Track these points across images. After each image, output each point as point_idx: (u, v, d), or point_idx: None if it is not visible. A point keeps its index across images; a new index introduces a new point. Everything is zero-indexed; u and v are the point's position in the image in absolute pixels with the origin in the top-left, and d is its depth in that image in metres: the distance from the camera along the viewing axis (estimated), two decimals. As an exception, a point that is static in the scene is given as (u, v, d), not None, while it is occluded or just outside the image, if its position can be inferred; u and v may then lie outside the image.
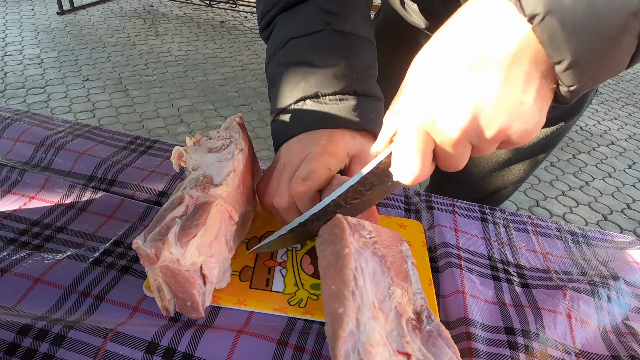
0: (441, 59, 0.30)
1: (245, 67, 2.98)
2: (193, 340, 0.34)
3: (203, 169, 0.41)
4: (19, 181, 0.49)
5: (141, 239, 0.33)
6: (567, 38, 0.25)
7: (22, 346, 0.32)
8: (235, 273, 0.41)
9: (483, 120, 0.29)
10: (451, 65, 0.29)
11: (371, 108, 0.44)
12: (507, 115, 0.28)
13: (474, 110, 0.29)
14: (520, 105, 0.28)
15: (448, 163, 0.33)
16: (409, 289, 0.35)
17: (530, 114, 0.28)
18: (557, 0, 0.25)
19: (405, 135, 0.32)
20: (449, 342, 0.32)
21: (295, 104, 0.43)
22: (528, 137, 0.30)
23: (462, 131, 0.30)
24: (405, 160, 0.32)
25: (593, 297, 0.43)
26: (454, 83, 0.29)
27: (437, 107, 0.30)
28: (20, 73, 2.64)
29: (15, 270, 0.38)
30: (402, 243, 0.38)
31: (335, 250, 0.33)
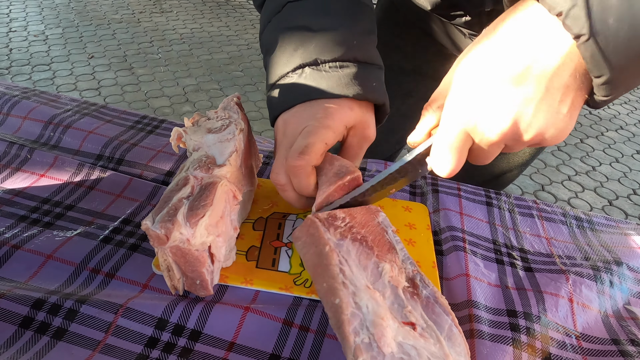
0: (487, 66, 0.32)
1: (251, 46, 2.95)
2: (201, 317, 0.35)
3: (204, 149, 0.41)
4: (29, 159, 0.50)
5: (150, 220, 0.34)
6: (608, 57, 0.27)
7: (36, 320, 0.33)
8: (242, 253, 0.42)
9: (522, 126, 0.32)
10: (497, 74, 0.31)
11: (372, 76, 0.42)
12: (544, 123, 0.31)
13: (515, 117, 0.31)
14: (557, 115, 0.31)
15: (479, 159, 0.36)
16: (397, 259, 0.36)
17: (563, 122, 0.32)
18: (603, 23, 0.27)
19: (448, 134, 0.34)
20: (446, 308, 0.33)
21: (293, 72, 0.41)
22: (558, 140, 0.33)
23: (502, 135, 0.33)
24: (445, 156, 0.35)
25: (595, 281, 0.44)
26: (499, 91, 0.31)
27: (481, 111, 0.32)
28: (25, 50, 2.62)
29: (27, 247, 0.39)
30: (377, 215, 0.39)
31: (317, 251, 0.34)
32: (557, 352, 0.37)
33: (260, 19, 0.46)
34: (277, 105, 0.42)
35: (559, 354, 0.37)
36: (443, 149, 0.35)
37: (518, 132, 0.32)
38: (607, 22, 0.27)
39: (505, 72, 0.31)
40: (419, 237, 0.46)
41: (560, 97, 0.30)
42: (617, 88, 0.29)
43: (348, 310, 0.30)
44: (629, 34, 0.27)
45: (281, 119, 0.42)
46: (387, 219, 0.39)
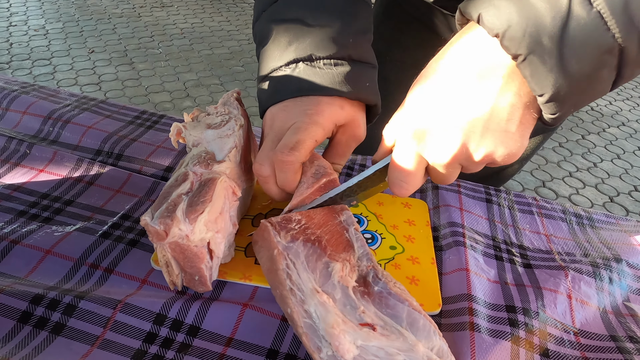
0: (435, 90, 0.33)
1: (252, 41, 2.93)
2: (200, 313, 0.35)
3: (204, 145, 0.41)
4: (28, 154, 0.50)
5: (149, 216, 0.34)
6: (547, 75, 0.28)
7: (35, 315, 0.33)
8: (240, 249, 0.42)
9: (471, 147, 0.33)
10: (443, 97, 0.33)
11: (365, 76, 0.42)
12: (492, 142, 0.32)
13: (464, 138, 0.32)
14: (505, 134, 0.32)
15: (439, 179, 0.37)
16: (352, 257, 0.35)
17: (513, 140, 0.32)
18: (538, 43, 0.28)
19: (402, 156, 0.36)
20: (399, 297, 0.32)
21: (286, 66, 0.41)
22: (511, 159, 0.34)
23: (452, 156, 0.33)
24: (400, 177, 0.36)
25: (594, 278, 0.44)
26: (445, 113, 0.32)
27: (430, 136, 0.33)
28: (26, 44, 2.62)
29: (26, 242, 0.39)
30: (341, 214, 0.39)
31: (268, 255, 0.34)
32: (555, 348, 0.37)
33: (254, 7, 0.46)
34: (268, 98, 0.42)
35: (557, 349, 0.37)
36: (398, 171, 0.36)
37: (468, 153, 0.33)
38: (541, 42, 0.28)
39: (451, 94, 0.32)
40: (418, 233, 0.46)
41: (507, 116, 0.31)
42: (563, 105, 0.30)
43: (301, 322, 0.30)
44: (564, 52, 0.28)
45: (270, 112, 0.42)
46: (351, 217, 0.38)
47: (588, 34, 0.27)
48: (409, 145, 0.35)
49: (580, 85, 0.29)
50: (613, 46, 0.27)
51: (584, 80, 0.29)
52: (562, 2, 0.27)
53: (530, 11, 0.28)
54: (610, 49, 0.27)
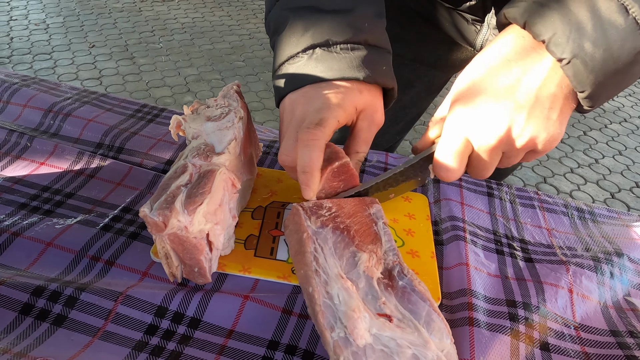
0: (482, 80, 0.36)
1: (253, 36, 2.92)
2: (201, 305, 0.35)
3: (203, 137, 0.41)
4: (29, 147, 0.50)
5: (148, 207, 0.34)
6: (588, 75, 0.32)
7: (36, 307, 0.33)
8: (240, 241, 0.42)
9: (516, 131, 0.35)
10: (491, 86, 0.36)
11: (382, 60, 0.43)
12: (535, 128, 0.35)
13: (509, 123, 0.35)
14: (547, 120, 0.35)
15: (479, 169, 0.39)
16: (379, 250, 0.36)
17: (554, 127, 0.35)
18: (580, 47, 0.32)
19: (449, 139, 0.38)
20: (423, 295, 0.33)
21: (303, 53, 0.41)
22: (552, 145, 0.36)
23: (498, 139, 0.36)
24: (446, 160, 0.38)
25: (596, 272, 0.43)
26: (494, 100, 0.35)
27: (479, 119, 0.36)
28: (27, 39, 2.61)
29: (27, 234, 0.39)
30: (371, 206, 0.39)
31: (298, 237, 0.35)
32: (555, 342, 0.37)
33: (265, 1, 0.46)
34: (286, 85, 0.42)
35: (557, 344, 0.37)
36: (445, 153, 0.38)
37: (513, 137, 0.36)
38: (584, 47, 0.32)
39: (498, 83, 0.35)
40: (418, 227, 0.46)
41: (549, 104, 0.35)
42: (599, 99, 0.34)
43: (320, 300, 0.30)
44: (604, 54, 0.31)
45: (288, 99, 0.42)
46: (381, 211, 0.39)
47: (625, 37, 0.31)
48: (457, 129, 0.37)
49: (616, 80, 0.33)
50: None
51: (620, 76, 0.33)
52: (601, 11, 0.31)
53: (572, 20, 0.32)
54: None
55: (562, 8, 0.32)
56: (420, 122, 2.19)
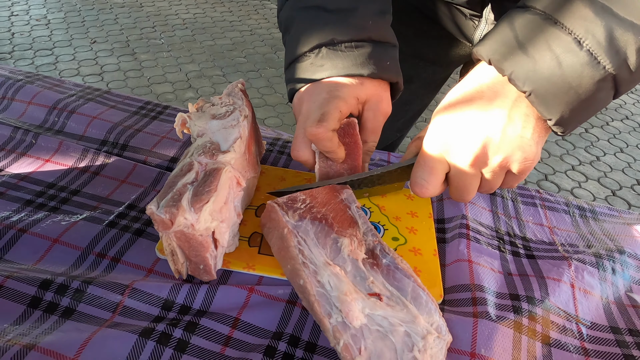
0: (458, 104, 0.38)
1: (254, 32, 2.92)
2: (207, 298, 0.36)
3: (209, 135, 0.41)
4: (34, 144, 0.50)
5: (154, 205, 0.34)
6: (551, 104, 0.34)
7: (44, 300, 0.34)
8: (244, 239, 0.42)
9: (491, 149, 0.36)
10: (466, 108, 0.37)
11: (386, 55, 0.44)
12: (510, 146, 0.36)
13: (485, 141, 0.36)
14: (521, 139, 0.36)
15: (458, 190, 0.40)
16: (358, 232, 0.37)
17: (528, 146, 0.36)
18: (537, 82, 0.34)
19: (426, 156, 0.39)
20: (406, 272, 0.34)
21: (310, 52, 0.43)
22: (528, 166, 0.37)
23: (474, 156, 0.37)
24: (422, 177, 0.39)
25: (597, 268, 0.44)
26: (469, 120, 0.37)
27: (454, 138, 0.37)
28: (28, 34, 2.61)
29: (34, 231, 0.40)
30: (341, 192, 0.41)
31: (279, 234, 0.36)
32: (557, 336, 0.37)
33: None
34: (295, 83, 0.44)
35: (558, 338, 0.37)
36: (421, 170, 0.40)
37: (488, 155, 0.37)
38: (541, 81, 0.34)
39: (473, 105, 0.37)
40: (420, 225, 0.46)
41: (522, 123, 0.36)
42: (569, 125, 0.36)
43: (314, 291, 0.31)
44: (563, 87, 0.33)
45: (297, 97, 0.44)
46: (352, 195, 0.41)
47: (581, 69, 0.33)
48: (434, 147, 0.39)
49: (582, 107, 0.35)
50: (606, 75, 0.33)
51: (585, 103, 0.34)
52: (555, 46, 0.33)
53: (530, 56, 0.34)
54: (604, 77, 0.33)
55: (520, 46, 0.35)
56: (422, 119, 2.19)
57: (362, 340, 0.29)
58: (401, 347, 0.29)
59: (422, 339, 0.30)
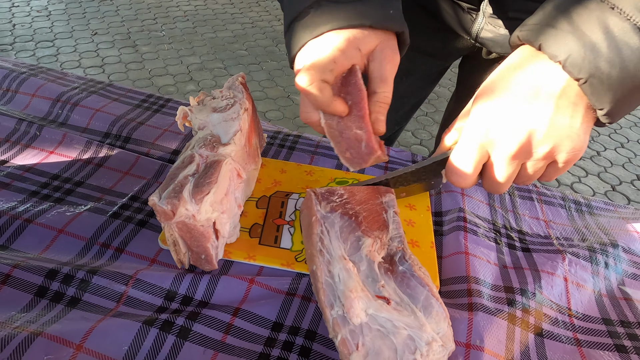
0: (502, 91, 0.36)
1: (256, 25, 2.91)
2: (209, 288, 0.37)
3: (210, 128, 0.42)
4: (38, 136, 0.51)
5: (157, 196, 0.35)
6: (606, 93, 0.33)
7: (51, 289, 0.35)
8: (245, 230, 0.43)
9: (537, 139, 0.35)
10: (511, 96, 0.35)
11: (389, 4, 0.42)
12: (558, 136, 0.35)
13: (530, 131, 0.35)
14: (570, 128, 0.34)
15: (495, 182, 0.38)
16: (385, 236, 0.38)
17: (577, 135, 0.35)
18: (597, 67, 0.32)
19: (465, 146, 0.38)
20: (422, 280, 0.34)
21: (309, 8, 0.40)
22: (576, 155, 0.36)
23: (518, 147, 0.35)
24: (460, 165, 0.38)
25: (591, 262, 0.45)
26: (514, 109, 0.35)
27: (498, 127, 0.36)
28: (29, 25, 2.60)
29: (39, 221, 0.41)
30: (384, 195, 0.41)
31: (308, 221, 0.37)
32: (549, 328, 0.38)
33: None
34: (295, 45, 0.41)
35: (551, 329, 0.38)
36: (460, 158, 0.38)
37: (533, 145, 0.35)
38: (600, 67, 0.32)
39: (518, 92, 0.35)
40: (418, 217, 0.47)
41: (571, 112, 0.34)
42: (618, 115, 0.34)
43: (322, 279, 0.32)
44: (621, 73, 0.32)
45: (298, 56, 0.41)
46: (393, 201, 0.41)
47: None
48: (473, 136, 0.37)
49: (635, 96, 0.34)
50: None
51: (638, 93, 0.33)
52: (615, 32, 0.31)
53: (586, 41, 0.32)
54: None
55: (575, 30, 0.33)
56: (422, 112, 2.19)
57: (360, 336, 0.30)
58: (402, 348, 0.30)
59: (427, 345, 0.30)
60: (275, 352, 0.33)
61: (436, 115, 2.22)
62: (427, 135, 2.07)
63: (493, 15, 0.59)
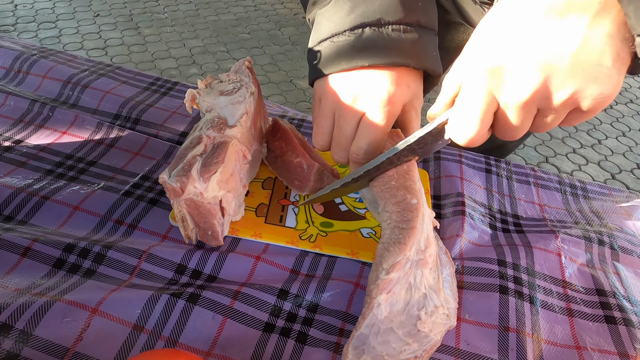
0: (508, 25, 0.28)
1: (259, 8, 2.89)
2: (217, 264, 0.39)
3: (217, 110, 0.43)
4: (51, 117, 0.52)
5: (166, 174, 0.37)
6: None
7: (68, 262, 0.37)
8: (251, 209, 0.45)
9: (555, 82, 0.27)
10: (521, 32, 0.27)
11: (431, 44, 0.39)
12: (582, 77, 0.27)
13: (548, 71, 0.27)
14: (598, 67, 0.26)
15: (507, 130, 0.31)
16: None
17: (608, 77, 0.26)
18: None
19: (469, 94, 0.31)
20: (449, 260, 0.38)
21: (351, 32, 0.36)
22: (603, 103, 0.28)
23: (532, 92, 0.28)
24: (464, 120, 0.31)
25: (584, 240, 0.46)
26: (528, 32, 0.27)
27: (506, 64, 0.28)
28: (31, 6, 2.59)
29: (56, 198, 0.43)
30: None
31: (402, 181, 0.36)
32: (543, 297, 0.40)
33: None
34: (325, 65, 0.38)
35: (545, 299, 0.40)
36: (463, 112, 0.31)
37: (550, 90, 0.28)
38: None
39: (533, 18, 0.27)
40: (418, 199, 0.49)
41: (602, 46, 0.26)
42: None
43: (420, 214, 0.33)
44: None
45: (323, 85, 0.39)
46: None
47: None
48: (479, 82, 0.30)
49: None
50: None
51: None
52: None
53: None
54: None
55: None
56: (426, 99, 2.19)
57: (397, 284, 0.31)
58: (413, 303, 0.32)
59: (434, 307, 0.32)
60: (279, 322, 0.35)
61: (439, 102, 2.21)
62: (429, 122, 2.07)
63: None
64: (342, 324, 0.36)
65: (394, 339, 0.31)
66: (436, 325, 0.33)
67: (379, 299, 0.30)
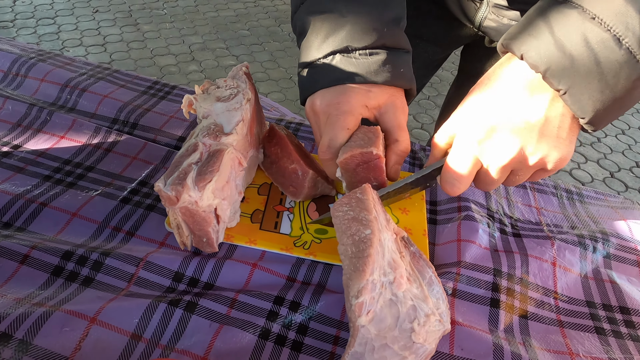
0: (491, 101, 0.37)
1: (258, 4, 2.87)
2: (214, 271, 0.39)
3: (213, 117, 0.44)
4: (48, 121, 0.53)
5: (162, 182, 0.37)
6: (586, 102, 0.34)
7: (66, 269, 0.37)
8: (246, 215, 0.46)
9: (528, 150, 0.37)
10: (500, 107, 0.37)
11: (400, 61, 0.44)
12: (547, 147, 0.36)
13: (522, 142, 0.36)
14: (557, 139, 0.36)
15: (486, 184, 0.41)
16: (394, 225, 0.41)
17: (564, 145, 0.37)
18: (574, 81, 0.33)
19: (459, 158, 0.39)
20: (427, 262, 0.38)
21: (324, 58, 0.43)
22: (562, 164, 0.38)
23: (511, 159, 0.37)
24: (454, 178, 0.40)
25: (579, 247, 0.47)
26: (506, 121, 0.36)
27: (490, 140, 0.37)
28: (29, 2, 2.58)
29: (54, 204, 0.43)
30: None
31: None
32: (534, 310, 0.41)
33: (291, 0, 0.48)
34: (308, 87, 0.45)
35: (535, 312, 0.41)
36: (454, 172, 0.40)
37: (524, 156, 0.37)
38: (578, 79, 0.33)
39: (509, 104, 0.36)
40: (412, 206, 0.49)
41: (559, 123, 0.36)
42: (601, 123, 0.35)
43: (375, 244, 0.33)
44: (599, 85, 0.33)
45: (310, 101, 0.45)
46: None
47: (620, 67, 0.32)
48: (467, 148, 0.39)
49: (616, 105, 0.34)
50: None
51: (619, 102, 0.34)
52: (594, 43, 0.32)
53: (566, 53, 0.33)
54: None
55: (556, 41, 0.33)
56: (424, 95, 2.19)
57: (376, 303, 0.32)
58: (403, 317, 0.32)
59: (425, 316, 0.33)
60: (276, 327, 0.36)
61: (438, 99, 2.22)
62: (429, 119, 2.07)
63: (497, 5, 0.59)
64: (336, 331, 0.36)
65: (390, 354, 0.31)
66: (430, 333, 0.33)
67: (360, 322, 0.31)
